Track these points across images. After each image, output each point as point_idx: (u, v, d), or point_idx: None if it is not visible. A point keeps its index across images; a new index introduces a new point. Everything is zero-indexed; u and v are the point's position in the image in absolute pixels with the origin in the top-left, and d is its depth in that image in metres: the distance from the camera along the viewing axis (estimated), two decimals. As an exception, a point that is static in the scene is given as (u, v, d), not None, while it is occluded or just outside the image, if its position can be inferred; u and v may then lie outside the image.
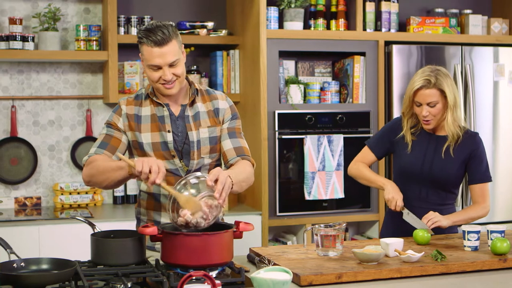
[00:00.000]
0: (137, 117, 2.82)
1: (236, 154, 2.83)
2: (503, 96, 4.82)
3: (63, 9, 4.62)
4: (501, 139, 4.83)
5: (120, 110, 2.84)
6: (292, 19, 4.55)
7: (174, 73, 2.71)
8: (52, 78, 4.64)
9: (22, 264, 2.31)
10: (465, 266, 2.58)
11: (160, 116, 2.81)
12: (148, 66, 2.72)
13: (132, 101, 2.85)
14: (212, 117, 2.87)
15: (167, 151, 2.79)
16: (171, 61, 2.69)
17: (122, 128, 2.82)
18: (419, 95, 3.15)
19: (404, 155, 3.26)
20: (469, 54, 4.73)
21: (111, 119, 2.84)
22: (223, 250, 2.41)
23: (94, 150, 2.78)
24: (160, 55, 2.67)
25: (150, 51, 2.68)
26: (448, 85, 3.13)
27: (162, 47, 2.66)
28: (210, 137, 2.84)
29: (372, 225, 4.74)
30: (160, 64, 2.69)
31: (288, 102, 4.52)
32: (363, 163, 3.39)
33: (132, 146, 2.84)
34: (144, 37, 2.68)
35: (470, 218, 3.16)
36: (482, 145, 3.25)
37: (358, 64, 4.60)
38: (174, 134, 2.80)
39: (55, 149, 4.66)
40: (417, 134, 3.27)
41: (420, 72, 3.18)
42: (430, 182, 3.21)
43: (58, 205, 4.54)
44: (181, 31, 4.62)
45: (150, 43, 2.66)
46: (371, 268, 2.49)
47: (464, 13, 5.02)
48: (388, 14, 4.76)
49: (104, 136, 2.82)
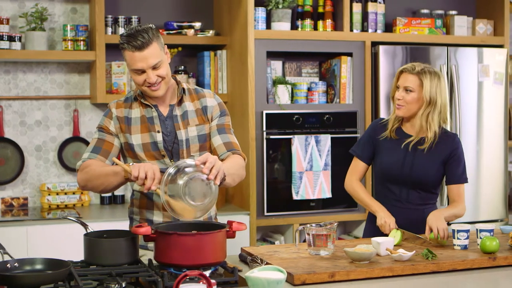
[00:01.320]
0: (127, 119, 2.85)
1: (226, 149, 2.86)
2: (487, 97, 4.87)
3: (50, 9, 4.61)
4: (485, 139, 4.87)
5: (111, 113, 2.86)
6: (280, 20, 4.57)
7: (158, 75, 2.74)
8: (39, 78, 4.63)
9: (15, 264, 2.30)
10: (455, 264, 2.61)
11: (149, 117, 2.84)
12: (132, 71, 2.75)
13: (122, 104, 2.88)
14: (200, 115, 2.89)
15: (157, 151, 2.81)
16: (153, 64, 2.71)
17: (113, 131, 2.84)
18: (402, 77, 3.24)
19: (385, 157, 3.28)
20: (454, 54, 4.78)
21: (102, 123, 2.86)
22: (216, 249, 2.42)
23: (87, 155, 2.80)
24: (141, 59, 2.70)
25: (132, 55, 2.70)
26: (431, 82, 3.16)
27: (143, 51, 2.69)
28: (199, 135, 2.86)
29: (358, 225, 4.77)
30: (143, 68, 2.71)
31: (276, 102, 4.54)
32: (357, 182, 3.37)
33: (123, 148, 2.87)
34: (125, 42, 2.71)
35: (454, 215, 3.19)
36: (461, 146, 3.28)
37: (345, 65, 4.63)
38: (164, 134, 2.82)
39: (42, 149, 4.65)
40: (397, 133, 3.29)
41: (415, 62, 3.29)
42: (410, 183, 3.24)
43: (45, 205, 4.52)
44: (169, 31, 4.63)
45: (131, 48, 2.69)
46: (363, 267, 2.51)
47: (449, 14, 5.07)
48: (375, 15, 4.79)
49: (96, 140, 2.84)
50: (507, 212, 4.95)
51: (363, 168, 3.38)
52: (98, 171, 2.70)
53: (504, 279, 2.55)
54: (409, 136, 3.26)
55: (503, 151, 4.93)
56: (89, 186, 2.76)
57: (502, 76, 4.89)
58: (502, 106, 4.92)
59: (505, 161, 4.94)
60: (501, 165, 4.93)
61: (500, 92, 4.91)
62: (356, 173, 3.38)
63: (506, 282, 2.52)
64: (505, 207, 4.95)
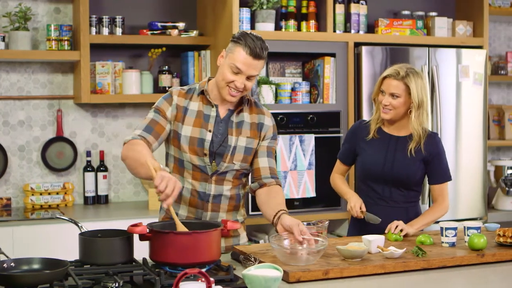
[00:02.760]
0: (185, 109, 2.88)
1: (270, 173, 2.95)
2: (466, 97, 4.94)
3: (33, 8, 4.59)
4: (464, 139, 4.94)
5: (171, 99, 2.89)
6: (264, 20, 4.60)
7: (246, 85, 2.78)
8: (22, 78, 4.61)
9: (12, 264, 2.31)
10: (445, 261, 2.66)
11: (206, 115, 2.87)
12: (229, 65, 2.77)
13: (184, 93, 2.91)
14: (254, 130, 2.93)
15: (201, 148, 2.85)
16: (252, 74, 2.76)
17: (169, 117, 2.87)
18: (385, 83, 3.26)
19: (366, 156, 3.34)
20: (435, 55, 4.84)
21: (160, 105, 2.88)
22: (212, 248, 2.45)
23: (139, 132, 2.80)
24: (248, 64, 2.74)
25: (244, 56, 2.74)
26: (417, 84, 3.21)
27: (254, 59, 2.74)
28: (246, 147, 2.91)
29: (341, 223, 4.82)
30: (243, 71, 2.75)
31: (260, 102, 4.56)
32: (339, 175, 3.54)
33: (171, 136, 2.89)
34: (243, 39, 2.75)
35: (430, 222, 3.28)
36: (441, 144, 3.35)
37: (328, 65, 4.67)
38: (214, 135, 2.86)
39: (25, 150, 4.63)
40: (378, 133, 3.35)
41: (396, 65, 3.29)
42: (392, 181, 3.30)
43: (28, 205, 4.50)
44: (153, 32, 4.64)
45: (248, 50, 2.73)
46: (356, 264, 2.55)
47: (430, 15, 5.14)
48: (357, 16, 4.84)
49: (150, 120, 2.85)
50: (486, 211, 5.03)
51: (344, 169, 3.55)
52: (139, 155, 2.66)
53: (493, 275, 2.61)
54: (390, 136, 3.32)
55: (482, 151, 5.01)
56: (127, 162, 2.74)
57: (481, 76, 4.97)
58: (481, 106, 5.00)
59: (484, 161, 5.02)
60: (480, 165, 5.00)
61: (479, 93, 4.99)
62: (338, 172, 3.55)
63: (494, 278, 2.58)
64: (484, 205, 5.03)
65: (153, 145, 2.81)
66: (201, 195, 2.89)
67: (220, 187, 2.90)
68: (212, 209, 2.90)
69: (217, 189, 2.89)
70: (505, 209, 5.30)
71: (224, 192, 2.91)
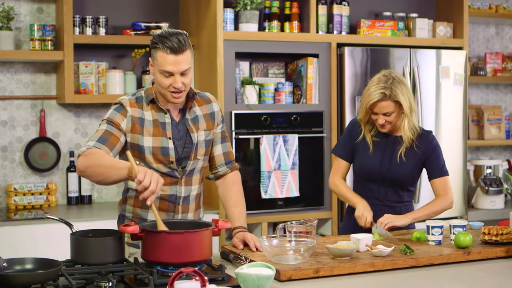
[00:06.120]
0: (141, 120, 2.83)
1: (225, 159, 2.98)
2: (447, 97, 5.00)
3: (15, 8, 4.56)
4: (444, 138, 5.00)
5: (125, 111, 2.83)
6: (248, 21, 4.62)
7: (184, 82, 2.74)
8: (5, 78, 4.58)
9: (4, 264, 2.31)
10: (433, 259, 2.71)
11: (162, 122, 2.84)
12: (159, 72, 2.73)
13: (134, 103, 2.85)
14: (208, 121, 2.94)
15: (166, 157, 2.83)
16: (184, 69, 2.72)
17: (123, 129, 2.81)
18: (376, 107, 3.25)
19: (363, 156, 3.37)
20: (416, 56, 4.90)
21: (113, 117, 2.81)
22: (203, 247, 2.47)
23: (93, 144, 2.74)
24: (174, 63, 2.70)
25: (165, 57, 2.70)
26: (403, 93, 3.23)
27: (178, 55, 2.69)
28: (206, 140, 2.92)
29: (325, 223, 4.85)
30: (173, 71, 2.71)
31: (244, 103, 4.59)
32: (340, 179, 3.47)
33: (129, 148, 2.83)
34: (160, 42, 2.70)
35: (432, 213, 3.28)
36: (436, 141, 3.39)
37: (311, 66, 4.70)
38: (175, 139, 2.85)
39: (8, 150, 4.60)
40: (375, 135, 3.38)
41: (376, 82, 3.25)
42: (388, 181, 3.33)
43: (11, 206, 4.48)
44: (136, 32, 4.64)
45: (165, 49, 2.68)
46: (345, 262, 2.59)
47: (411, 16, 5.19)
48: (340, 17, 4.88)
49: (104, 131, 2.78)
50: (466, 210, 5.10)
51: (345, 167, 3.47)
52: (102, 160, 2.64)
53: (479, 272, 2.65)
54: (387, 136, 3.35)
55: (462, 150, 5.08)
56: (89, 172, 2.67)
57: (462, 77, 5.03)
58: (461, 107, 5.07)
59: (464, 160, 5.08)
60: (460, 164, 5.07)
61: (459, 93, 5.05)
62: (339, 172, 3.48)
63: (480, 275, 2.62)
64: (465, 204, 5.09)
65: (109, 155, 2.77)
66: (171, 198, 2.89)
67: (189, 188, 2.92)
68: (182, 211, 2.92)
69: (187, 190, 2.91)
70: (485, 208, 5.36)
71: (192, 192, 2.93)
